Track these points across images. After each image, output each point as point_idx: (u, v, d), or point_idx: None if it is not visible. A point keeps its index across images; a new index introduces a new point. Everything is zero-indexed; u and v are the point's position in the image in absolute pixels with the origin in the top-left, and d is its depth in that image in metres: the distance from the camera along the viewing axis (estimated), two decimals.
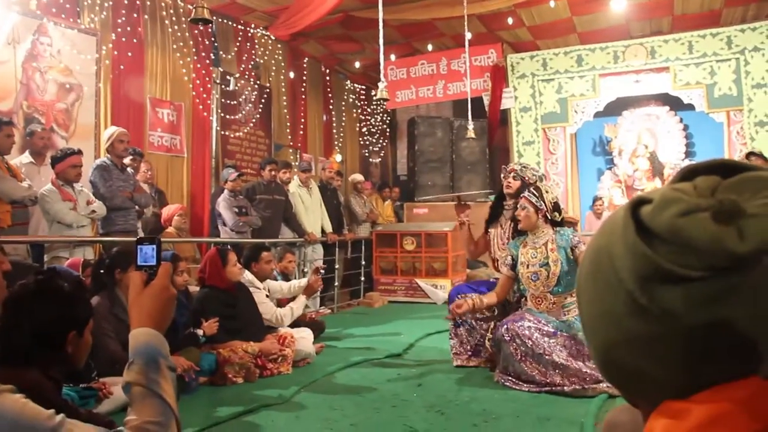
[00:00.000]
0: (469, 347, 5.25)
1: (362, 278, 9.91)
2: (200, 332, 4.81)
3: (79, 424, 1.02)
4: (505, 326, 4.47)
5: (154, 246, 1.41)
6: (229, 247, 6.38)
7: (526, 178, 5.14)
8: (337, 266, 9.19)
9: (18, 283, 2.09)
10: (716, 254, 0.59)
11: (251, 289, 5.50)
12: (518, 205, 4.80)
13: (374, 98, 8.78)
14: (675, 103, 10.28)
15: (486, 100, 10.85)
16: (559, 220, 4.73)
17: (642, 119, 10.80)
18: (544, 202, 4.71)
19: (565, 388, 4.20)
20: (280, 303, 6.00)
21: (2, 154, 5.31)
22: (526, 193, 4.77)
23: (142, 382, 1.21)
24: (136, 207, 6.51)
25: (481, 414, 3.88)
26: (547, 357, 4.28)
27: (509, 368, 4.48)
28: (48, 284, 2.10)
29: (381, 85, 5.97)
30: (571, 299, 4.66)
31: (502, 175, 5.33)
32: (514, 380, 4.42)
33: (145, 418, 1.16)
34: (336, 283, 9.22)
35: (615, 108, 10.56)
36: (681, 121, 10.57)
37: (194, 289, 5.51)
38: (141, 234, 6.65)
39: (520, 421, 3.72)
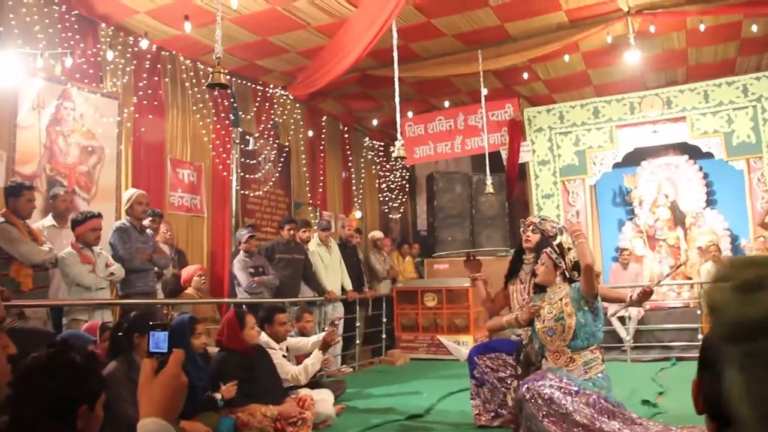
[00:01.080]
0: (491, 407, 5.14)
1: (383, 336, 9.82)
2: (218, 396, 4.74)
3: None
4: (526, 386, 4.37)
5: (166, 333, 1.39)
6: (246, 309, 6.35)
7: (546, 231, 5.04)
8: (358, 324, 9.13)
9: (30, 356, 2.06)
10: None
11: (269, 350, 5.45)
12: (539, 260, 4.74)
13: (392, 156, 8.86)
14: (694, 152, 10.23)
15: (504, 155, 10.86)
16: (578, 279, 4.64)
17: (661, 169, 10.75)
18: (564, 261, 4.66)
19: None
20: (299, 361, 5.93)
21: (23, 218, 5.36)
22: (548, 249, 4.71)
23: None
24: (156, 268, 6.53)
25: None
26: (570, 417, 4.16)
27: (532, 428, 4.35)
28: (60, 357, 2.06)
29: (398, 143, 6.02)
30: (592, 355, 4.54)
31: (521, 229, 5.26)
32: None
33: None
34: (357, 341, 9.15)
35: (633, 158, 10.52)
36: (701, 169, 10.51)
37: (213, 350, 5.47)
38: (161, 295, 6.65)
39: None
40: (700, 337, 8.29)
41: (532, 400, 4.29)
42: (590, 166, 10.43)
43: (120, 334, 4.49)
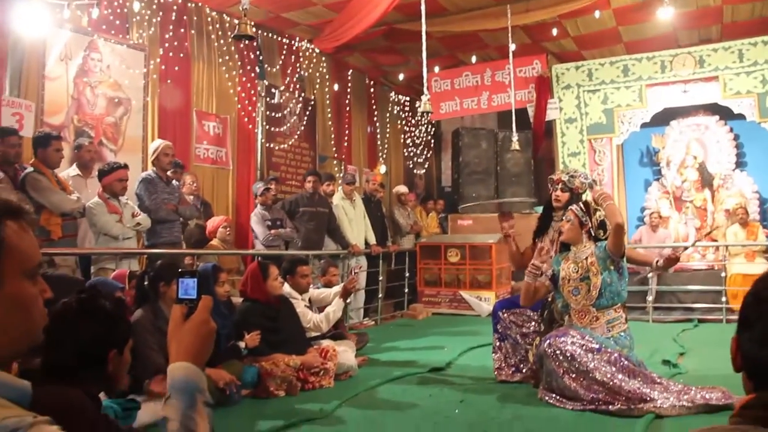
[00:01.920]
0: (512, 362, 5.18)
1: (406, 290, 9.89)
2: (242, 345, 4.83)
3: None
4: (548, 341, 4.40)
5: (195, 279, 1.41)
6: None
7: (576, 189, 4.99)
8: (380, 278, 9.19)
9: (61, 301, 2.12)
10: None
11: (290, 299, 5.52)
12: (563, 217, 4.72)
13: (418, 111, 8.81)
14: (724, 113, 10.04)
15: (531, 111, 10.74)
16: (603, 238, 4.62)
17: (690, 129, 10.59)
18: (590, 219, 4.63)
19: (610, 407, 4.10)
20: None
21: (52, 167, 5.43)
22: (573, 207, 4.68)
23: (179, 419, 1.21)
24: (181, 219, 6.60)
25: None
26: (590, 374, 4.19)
27: (552, 384, 4.40)
28: (90, 303, 2.12)
29: (424, 97, 5.97)
30: (615, 314, 4.55)
31: (549, 186, 5.21)
32: (557, 398, 4.34)
33: None
34: (380, 295, 9.22)
35: (662, 118, 10.34)
36: (731, 130, 10.34)
37: (238, 300, 5.54)
38: (185, 246, 6.73)
39: None
40: (723, 299, 8.25)
41: (553, 356, 4.32)
42: (618, 125, 10.27)
43: (146, 283, 4.59)
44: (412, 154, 13.08)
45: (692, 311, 8.75)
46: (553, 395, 4.37)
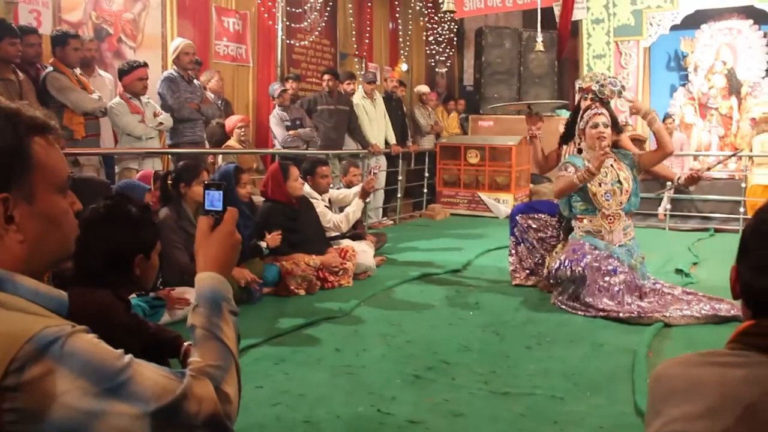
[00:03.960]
0: (527, 264, 5.27)
1: (425, 190, 9.95)
2: (264, 244, 4.93)
3: (144, 366, 1.08)
4: (569, 266, 4.44)
5: (221, 192, 1.45)
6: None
7: (606, 98, 4.82)
8: (400, 178, 9.23)
9: (89, 207, 2.17)
10: None
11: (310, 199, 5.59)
12: (600, 122, 4.57)
13: (441, 7, 8.61)
14: (760, 17, 9.65)
15: (556, 11, 10.43)
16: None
17: (722, 33, 10.22)
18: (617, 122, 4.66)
19: (621, 314, 4.20)
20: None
21: (71, 66, 5.41)
22: (600, 110, 4.60)
23: (205, 326, 1.26)
24: (203, 118, 6.61)
25: (535, 336, 3.94)
26: (605, 301, 4.29)
27: (563, 301, 4.51)
28: (116, 209, 2.18)
29: None
30: (628, 221, 4.66)
31: (577, 94, 5.11)
32: (571, 304, 4.44)
33: (207, 361, 1.21)
34: (398, 195, 9.28)
35: (693, 21, 9.96)
36: (765, 36, 9.98)
37: (259, 200, 5.62)
38: (207, 145, 6.76)
39: (574, 346, 3.77)
40: (741, 210, 8.19)
41: (571, 279, 4.40)
42: (646, 27, 9.95)
43: (169, 182, 4.65)
44: (433, 52, 12.83)
45: (709, 220, 8.74)
46: (566, 301, 4.47)
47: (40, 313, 1.07)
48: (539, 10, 8.91)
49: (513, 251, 5.32)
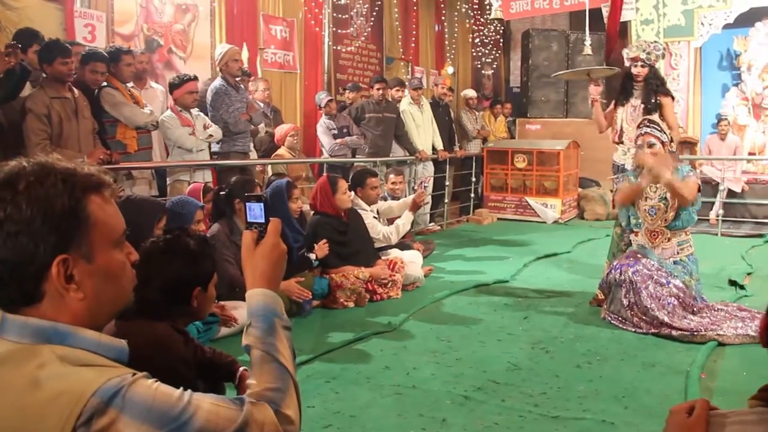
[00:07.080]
0: None
1: (472, 195, 9.92)
2: (313, 257, 4.97)
3: (204, 400, 1.11)
4: (620, 270, 4.40)
5: (262, 203, 1.44)
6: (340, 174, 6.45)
7: (653, 62, 5.33)
8: (447, 183, 9.21)
9: (149, 241, 2.23)
10: None
11: (359, 211, 5.61)
12: (646, 142, 4.53)
13: (487, 10, 8.55)
14: None
15: (605, 12, 10.26)
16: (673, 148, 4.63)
17: None
18: (665, 133, 4.55)
19: (672, 332, 4.13)
20: (390, 223, 6.07)
21: (124, 81, 5.52)
22: (649, 129, 4.53)
23: (260, 347, 1.28)
24: (253, 127, 6.68)
25: (585, 354, 3.90)
26: (653, 312, 4.20)
27: (617, 308, 4.45)
28: (176, 243, 2.23)
29: (495, 2, 5.82)
30: (686, 237, 4.54)
31: (626, 61, 5.45)
32: (621, 319, 4.39)
33: (265, 384, 1.23)
34: (446, 200, 9.26)
35: (747, 19, 9.68)
36: None
37: (308, 211, 5.66)
38: (255, 155, 6.82)
39: (625, 365, 3.72)
40: None
41: (623, 286, 4.35)
42: (698, 26, 9.73)
43: (221, 196, 4.72)
44: (480, 53, 12.77)
45: (763, 226, 8.52)
46: (617, 317, 4.41)
47: (103, 364, 1.12)
48: (587, 12, 8.80)
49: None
